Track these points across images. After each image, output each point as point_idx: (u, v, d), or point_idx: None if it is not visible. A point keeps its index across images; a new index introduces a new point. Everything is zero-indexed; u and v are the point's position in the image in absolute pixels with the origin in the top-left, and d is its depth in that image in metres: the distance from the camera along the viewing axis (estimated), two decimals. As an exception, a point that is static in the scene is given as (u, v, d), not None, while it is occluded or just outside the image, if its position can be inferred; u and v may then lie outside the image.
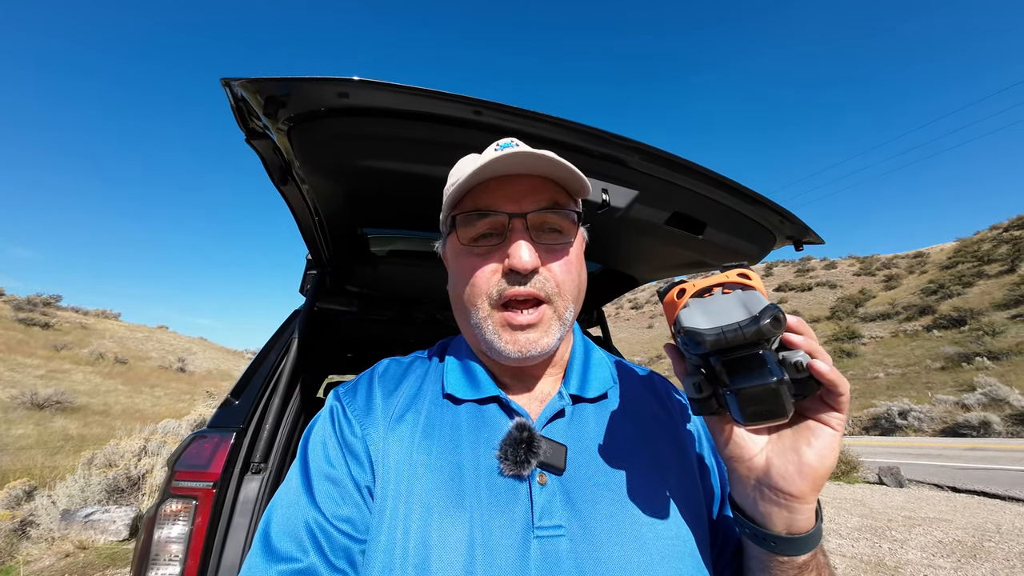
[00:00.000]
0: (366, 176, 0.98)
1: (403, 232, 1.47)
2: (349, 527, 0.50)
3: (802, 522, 0.45)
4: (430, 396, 0.60)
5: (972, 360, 17.64)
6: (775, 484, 0.44)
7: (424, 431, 0.56)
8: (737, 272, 0.46)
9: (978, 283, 27.17)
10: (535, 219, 0.56)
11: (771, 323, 0.39)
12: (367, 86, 0.74)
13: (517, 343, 0.55)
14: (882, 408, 14.33)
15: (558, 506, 0.50)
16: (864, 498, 6.01)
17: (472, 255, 0.57)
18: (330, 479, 0.53)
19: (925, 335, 23.04)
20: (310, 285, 1.63)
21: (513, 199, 0.56)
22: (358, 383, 0.63)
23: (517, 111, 0.83)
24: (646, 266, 1.66)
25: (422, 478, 0.51)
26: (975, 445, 10.29)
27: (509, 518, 0.49)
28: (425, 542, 0.47)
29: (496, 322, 0.56)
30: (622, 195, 1.05)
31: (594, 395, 0.61)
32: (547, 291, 0.56)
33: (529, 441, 0.52)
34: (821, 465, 0.43)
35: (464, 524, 0.48)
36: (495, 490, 0.51)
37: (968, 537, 4.21)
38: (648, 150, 0.96)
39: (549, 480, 0.52)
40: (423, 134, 0.86)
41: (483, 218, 0.56)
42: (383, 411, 0.58)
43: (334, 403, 0.60)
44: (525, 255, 0.53)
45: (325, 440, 0.56)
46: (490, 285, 0.55)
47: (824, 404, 0.44)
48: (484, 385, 0.60)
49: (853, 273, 41.67)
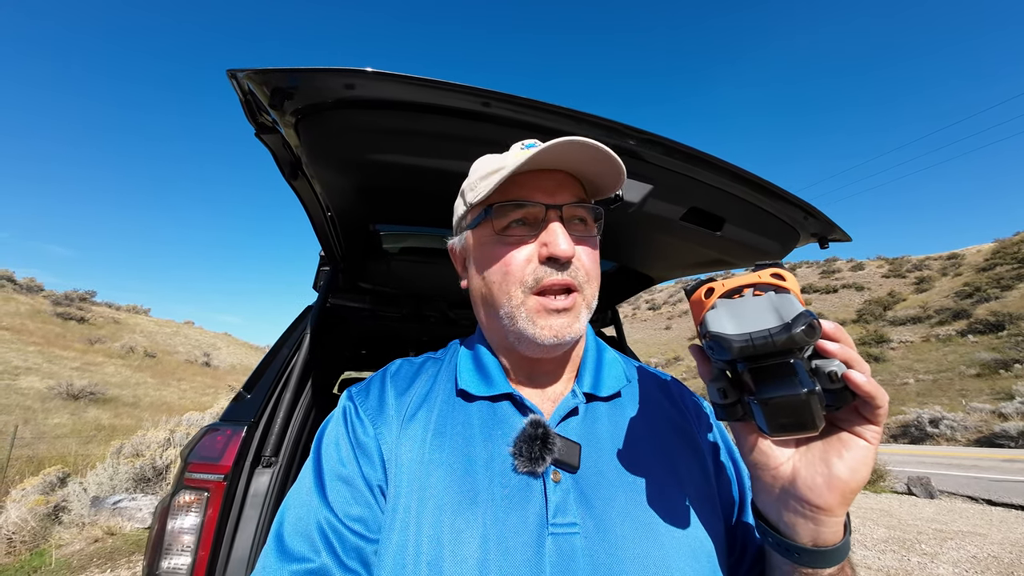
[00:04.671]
0: (375, 170, 0.97)
1: (415, 229, 1.47)
2: (361, 527, 0.50)
3: (829, 535, 0.43)
4: (442, 395, 0.60)
5: (1011, 367, 16.80)
6: (801, 495, 0.43)
7: (436, 429, 0.56)
8: (771, 272, 0.43)
9: (1018, 286, 25.86)
10: (569, 212, 0.58)
11: (805, 331, 0.36)
12: (374, 77, 0.73)
13: (552, 328, 0.55)
14: (912, 415, 13.76)
15: (572, 504, 0.50)
16: (892, 508, 5.78)
17: (505, 244, 0.57)
18: (342, 479, 0.53)
19: (959, 340, 22.05)
20: (323, 281, 1.65)
21: (548, 192, 0.57)
22: (371, 383, 0.63)
23: (528, 102, 0.81)
24: (662, 264, 1.62)
25: (435, 476, 0.51)
26: (1013, 456, 9.78)
27: (523, 515, 0.49)
28: (438, 540, 0.47)
29: (531, 308, 0.56)
30: (636, 189, 1.01)
31: (607, 394, 0.61)
32: (579, 280, 0.57)
33: (544, 438, 0.52)
34: (852, 479, 0.41)
35: (478, 522, 0.48)
36: (509, 487, 0.51)
37: (1005, 553, 4.00)
38: (663, 142, 0.93)
39: (563, 478, 0.52)
40: (432, 127, 0.85)
41: (519, 208, 0.57)
42: (395, 410, 0.58)
43: (347, 403, 0.60)
44: (565, 243, 0.54)
45: (338, 440, 0.57)
46: (525, 273, 0.56)
47: (859, 416, 0.42)
48: (497, 382, 0.60)
49: (882, 275, 40.21)
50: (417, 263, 1.69)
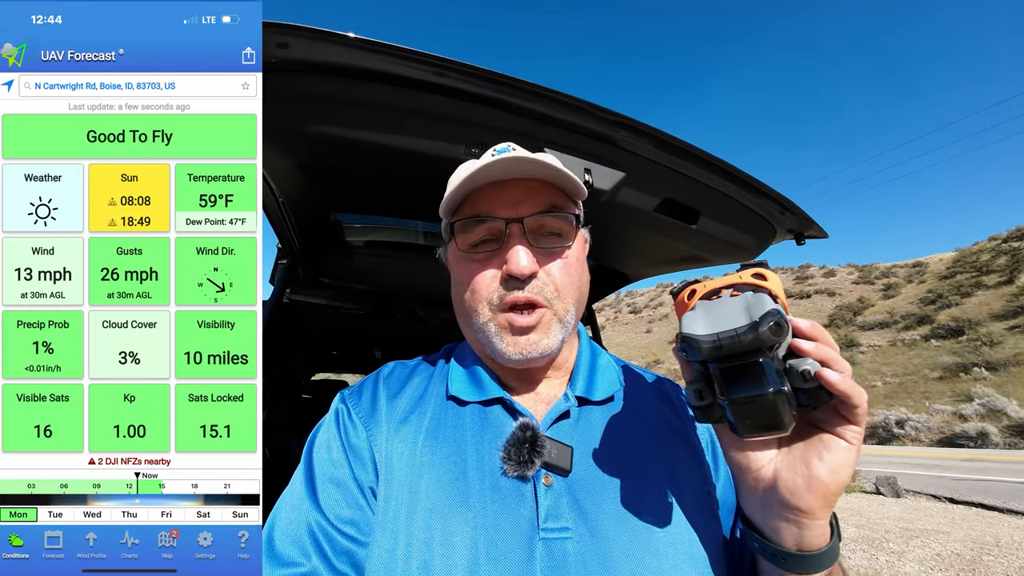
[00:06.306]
0: (319, 146, 0.88)
1: (381, 221, 1.39)
2: (352, 529, 0.50)
3: (813, 539, 0.43)
4: (435, 398, 0.60)
5: (970, 370, 17.59)
6: (783, 498, 0.43)
7: (428, 432, 0.56)
8: (752, 272, 0.44)
9: (976, 293, 27.18)
10: (532, 223, 0.56)
11: (771, 329, 0.37)
12: (310, 35, 0.65)
13: (518, 345, 0.55)
14: (880, 417, 14.27)
15: (565, 508, 0.50)
16: (861, 508, 5.93)
17: (472, 261, 0.58)
18: (334, 481, 0.53)
19: (923, 344, 23.01)
20: (279, 275, 1.54)
21: (510, 204, 0.56)
22: (363, 386, 0.63)
23: (489, 75, 0.73)
24: (636, 261, 1.58)
25: (426, 479, 0.51)
26: (973, 456, 10.23)
27: (514, 519, 0.49)
28: (428, 543, 0.47)
29: (500, 324, 0.56)
30: (607, 176, 0.95)
31: (600, 397, 0.60)
32: (546, 295, 0.56)
33: (532, 441, 0.52)
34: (833, 480, 0.41)
35: (468, 525, 0.48)
36: (500, 491, 0.51)
37: (967, 550, 4.12)
38: (636, 126, 0.87)
39: (555, 481, 0.51)
40: (379, 97, 0.76)
41: (480, 224, 0.57)
42: (387, 413, 0.58)
43: (339, 406, 0.60)
44: (523, 260, 0.54)
45: (329, 443, 0.57)
46: (490, 291, 0.56)
47: (839, 416, 0.42)
48: (488, 387, 0.60)
49: (852, 281, 41.72)
50: (382, 257, 1.60)
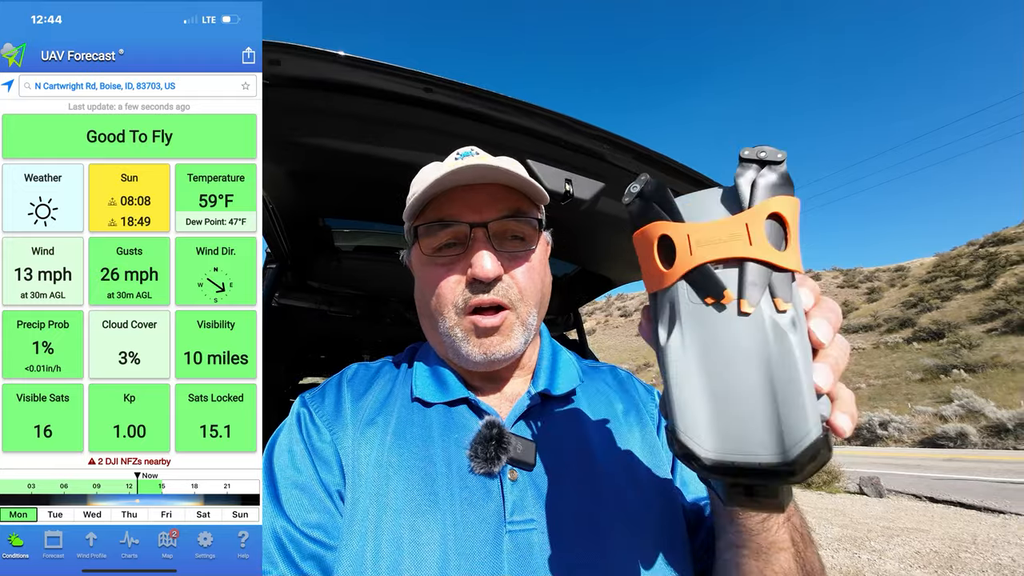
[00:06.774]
0: (309, 156, 0.90)
1: (369, 225, 1.41)
2: (320, 533, 0.50)
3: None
4: (401, 400, 0.60)
5: (950, 372, 18.04)
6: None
7: (395, 434, 0.56)
8: (769, 213, 0.39)
9: (956, 297, 27.90)
10: (496, 227, 0.57)
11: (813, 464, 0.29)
12: (301, 53, 0.67)
13: (483, 346, 0.56)
14: (864, 418, 14.54)
15: (530, 501, 0.51)
16: (845, 508, 6.03)
17: (436, 265, 0.58)
18: (298, 486, 0.52)
19: (905, 347, 23.53)
20: (268, 279, 1.54)
21: (475, 208, 0.57)
22: (326, 388, 0.63)
23: (473, 91, 0.77)
24: (620, 266, 1.63)
25: (394, 481, 0.52)
26: (952, 456, 10.49)
27: (482, 515, 0.50)
28: (398, 544, 0.47)
29: (465, 328, 0.57)
30: (587, 187, 0.99)
31: (562, 392, 0.61)
32: (510, 298, 0.57)
33: (499, 438, 0.52)
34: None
35: (438, 523, 0.49)
36: (468, 489, 0.51)
37: (945, 548, 4.22)
38: (614, 140, 0.92)
39: (520, 476, 0.53)
40: (368, 111, 0.79)
41: (445, 228, 0.57)
42: (352, 416, 0.58)
43: (301, 409, 0.59)
44: (487, 264, 0.54)
45: (291, 447, 0.56)
46: (455, 294, 0.57)
47: None
48: (453, 388, 0.60)
49: (837, 285, 42.52)
50: (372, 261, 1.62)
